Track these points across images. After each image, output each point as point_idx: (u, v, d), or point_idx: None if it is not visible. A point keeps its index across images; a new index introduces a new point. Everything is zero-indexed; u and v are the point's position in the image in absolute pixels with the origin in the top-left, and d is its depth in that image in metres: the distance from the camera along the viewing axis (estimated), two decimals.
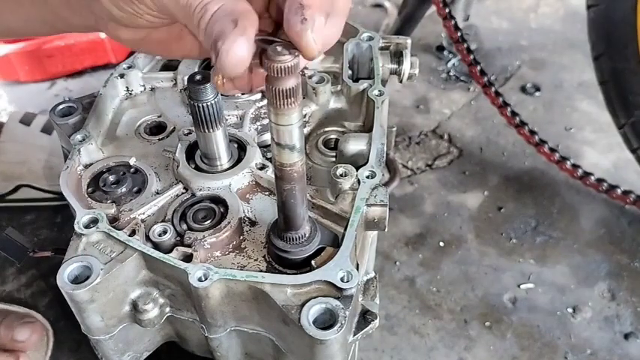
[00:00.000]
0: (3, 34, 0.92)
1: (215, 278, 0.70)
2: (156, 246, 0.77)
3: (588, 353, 1.24)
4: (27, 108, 1.64)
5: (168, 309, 0.82)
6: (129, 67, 1.03)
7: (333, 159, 0.93)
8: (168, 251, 0.76)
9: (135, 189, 0.87)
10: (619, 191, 1.47)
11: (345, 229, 0.75)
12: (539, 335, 1.27)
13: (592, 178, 1.49)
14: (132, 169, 0.89)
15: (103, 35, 1.86)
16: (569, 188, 1.57)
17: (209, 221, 0.81)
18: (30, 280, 1.31)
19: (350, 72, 1.02)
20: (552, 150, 1.52)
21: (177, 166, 0.86)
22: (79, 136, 0.89)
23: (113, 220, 0.80)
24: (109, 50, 1.86)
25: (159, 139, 0.96)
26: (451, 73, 1.97)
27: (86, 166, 0.90)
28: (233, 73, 0.53)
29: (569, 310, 1.32)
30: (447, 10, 1.54)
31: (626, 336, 1.27)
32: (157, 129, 0.99)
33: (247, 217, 0.84)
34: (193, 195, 0.84)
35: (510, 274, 1.39)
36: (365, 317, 0.75)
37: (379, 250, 1.39)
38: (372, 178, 0.81)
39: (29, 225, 1.42)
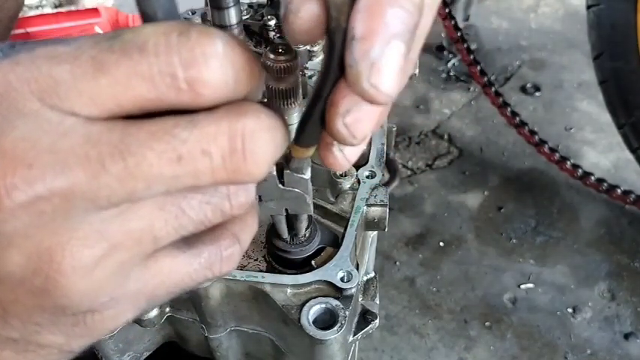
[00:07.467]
0: None
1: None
2: None
3: (588, 353, 1.24)
4: None
5: (168, 309, 0.81)
6: None
7: None
8: None
9: None
10: (619, 191, 1.47)
11: (345, 229, 0.75)
12: (539, 335, 1.27)
13: (592, 178, 1.49)
14: None
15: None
16: (569, 188, 1.57)
17: None
18: None
19: None
20: (552, 150, 1.52)
21: None
22: None
23: None
24: None
25: None
26: (451, 73, 1.97)
27: None
28: (303, 37, 0.38)
29: (569, 310, 1.32)
30: (447, 10, 1.54)
31: (626, 336, 1.27)
32: None
33: None
34: None
35: (510, 274, 1.39)
36: (365, 317, 0.75)
37: (379, 250, 1.39)
38: (372, 178, 0.81)
39: None
